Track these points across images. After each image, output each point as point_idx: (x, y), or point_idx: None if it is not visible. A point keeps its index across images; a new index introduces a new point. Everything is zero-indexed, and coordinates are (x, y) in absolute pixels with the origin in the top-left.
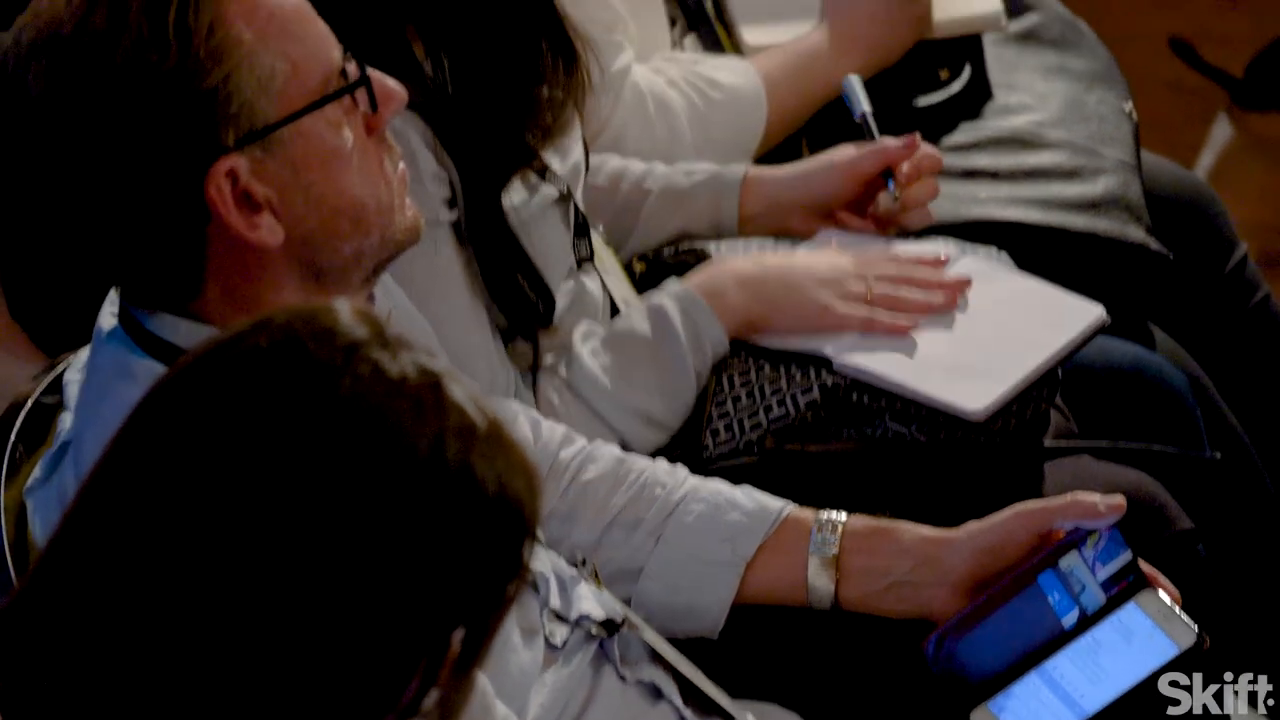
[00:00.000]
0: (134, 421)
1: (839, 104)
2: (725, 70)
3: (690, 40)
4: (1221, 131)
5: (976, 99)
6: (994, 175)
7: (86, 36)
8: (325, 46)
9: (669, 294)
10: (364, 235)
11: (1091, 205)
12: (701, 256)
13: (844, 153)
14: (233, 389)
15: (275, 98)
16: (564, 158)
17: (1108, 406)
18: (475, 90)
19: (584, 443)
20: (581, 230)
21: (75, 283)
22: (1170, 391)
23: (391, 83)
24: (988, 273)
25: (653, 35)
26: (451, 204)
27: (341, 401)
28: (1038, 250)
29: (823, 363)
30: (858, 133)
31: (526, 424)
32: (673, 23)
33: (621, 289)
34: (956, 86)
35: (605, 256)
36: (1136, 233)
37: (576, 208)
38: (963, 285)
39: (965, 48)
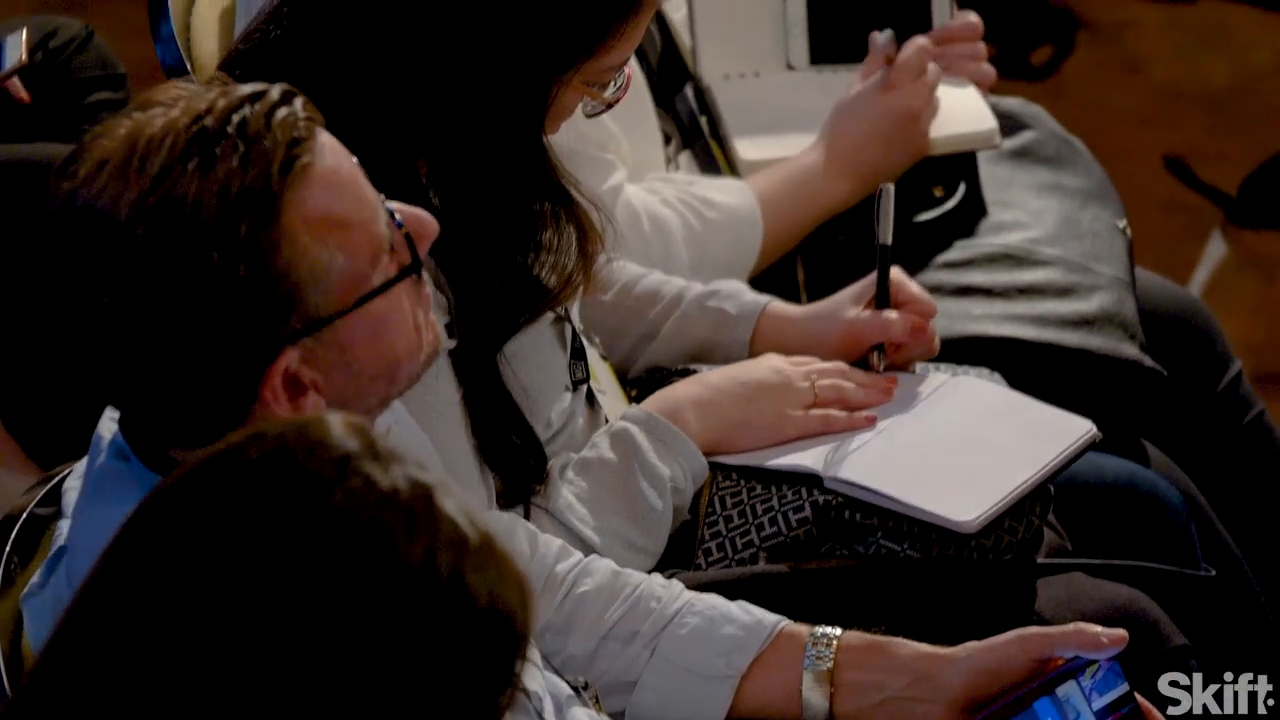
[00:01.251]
0: (128, 531)
1: (835, 223)
2: (720, 190)
3: (685, 158)
4: (1216, 249)
5: (971, 216)
6: (988, 292)
7: (156, 257)
8: (375, 225)
9: (631, 419)
10: (394, 386)
11: (1085, 322)
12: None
13: (850, 312)
14: (226, 500)
15: (331, 291)
16: (560, 277)
17: (1101, 522)
18: (475, 229)
19: (580, 556)
20: (578, 353)
21: (83, 404)
22: (1164, 507)
23: (424, 216)
24: (979, 389)
25: (646, 153)
26: (451, 331)
27: (333, 514)
28: (1032, 366)
29: (813, 480)
30: (852, 255)
31: (523, 537)
32: (667, 140)
33: (618, 408)
34: (951, 203)
35: (602, 376)
36: (1130, 349)
37: (573, 328)
38: (894, 381)
39: (960, 165)
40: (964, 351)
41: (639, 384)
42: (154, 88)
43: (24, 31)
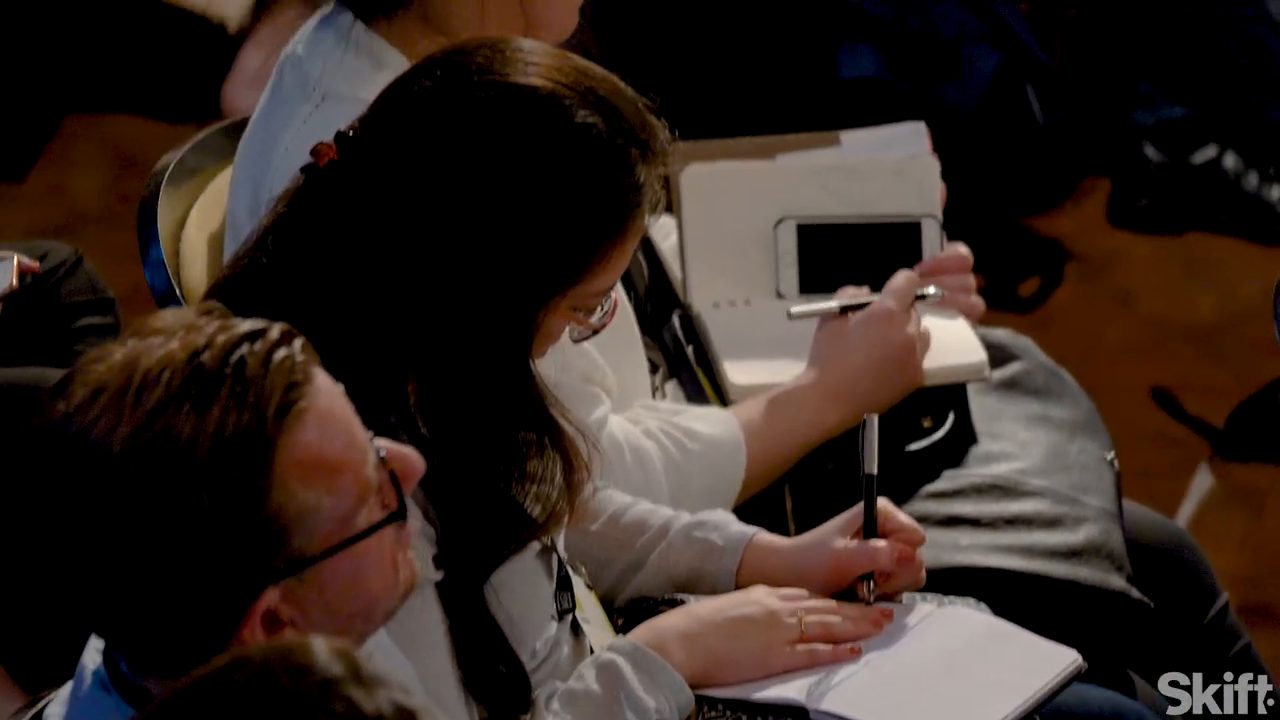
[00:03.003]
0: None
1: (823, 451)
2: (704, 420)
3: (671, 386)
4: (1203, 481)
5: (960, 446)
6: (975, 523)
7: (149, 495)
8: (364, 468)
9: (617, 650)
10: (371, 624)
11: (1073, 553)
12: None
13: (837, 542)
14: None
15: (317, 533)
16: (546, 507)
17: None
18: (463, 457)
19: None
20: (564, 582)
21: (70, 630)
22: None
23: (411, 455)
24: (965, 619)
25: (633, 381)
26: (438, 562)
27: None
28: (1019, 597)
29: (799, 712)
30: (841, 484)
31: None
32: (654, 368)
33: (604, 638)
34: (940, 434)
35: (588, 605)
36: (1117, 581)
37: (559, 558)
38: (888, 614)
39: (949, 396)
40: (951, 581)
41: (625, 613)
42: (151, 315)
43: (14, 259)
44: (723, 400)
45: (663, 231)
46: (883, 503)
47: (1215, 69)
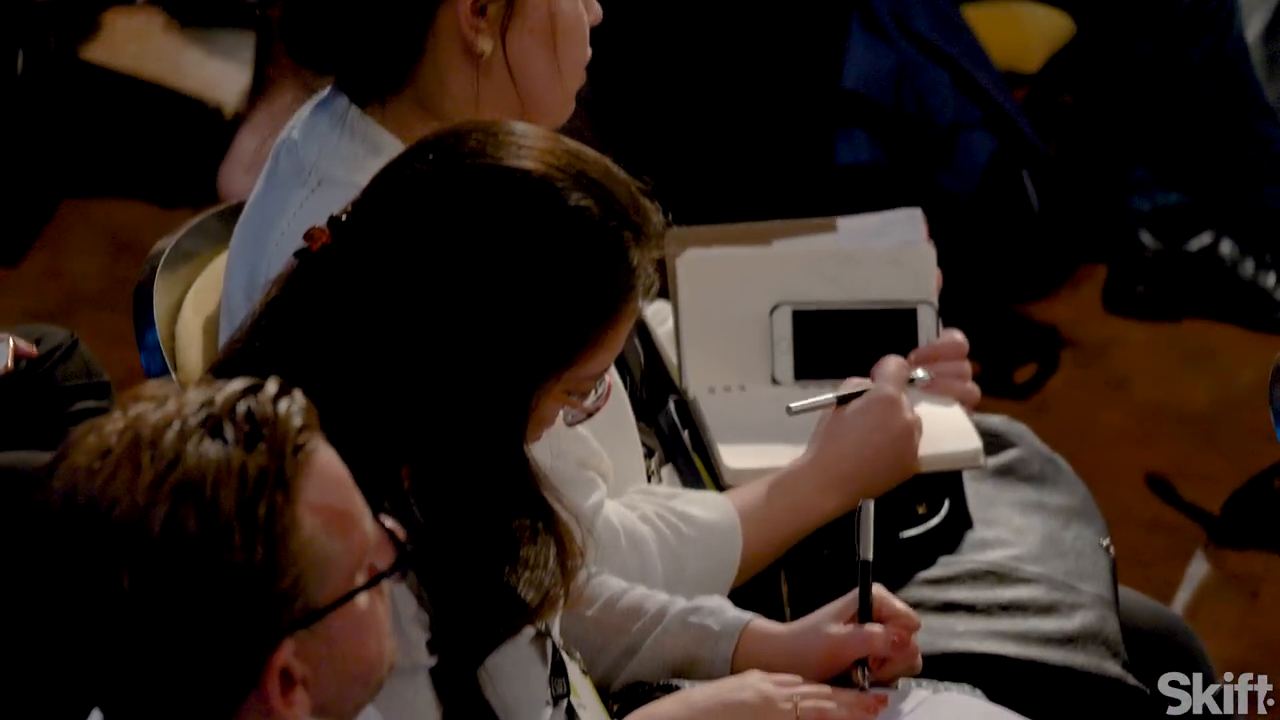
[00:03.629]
0: None
1: (820, 536)
2: (700, 505)
3: (667, 471)
4: (1199, 568)
5: (955, 533)
6: (971, 609)
7: (177, 539)
8: (366, 520)
9: None
10: (368, 691)
11: (1068, 640)
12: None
13: (832, 628)
14: None
15: (328, 582)
16: (540, 592)
17: None
18: (457, 542)
19: None
20: (559, 668)
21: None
22: None
23: (396, 525)
24: (960, 706)
25: (627, 467)
26: (432, 647)
27: None
28: (1014, 683)
29: None
30: (837, 570)
31: None
32: (649, 453)
33: None
34: (935, 520)
35: (583, 691)
36: (1113, 668)
37: (554, 643)
38: (883, 700)
39: (945, 482)
40: (946, 667)
41: (621, 699)
42: (137, 387)
43: (10, 341)
44: (718, 485)
45: (659, 317)
46: (878, 589)
47: (1211, 156)
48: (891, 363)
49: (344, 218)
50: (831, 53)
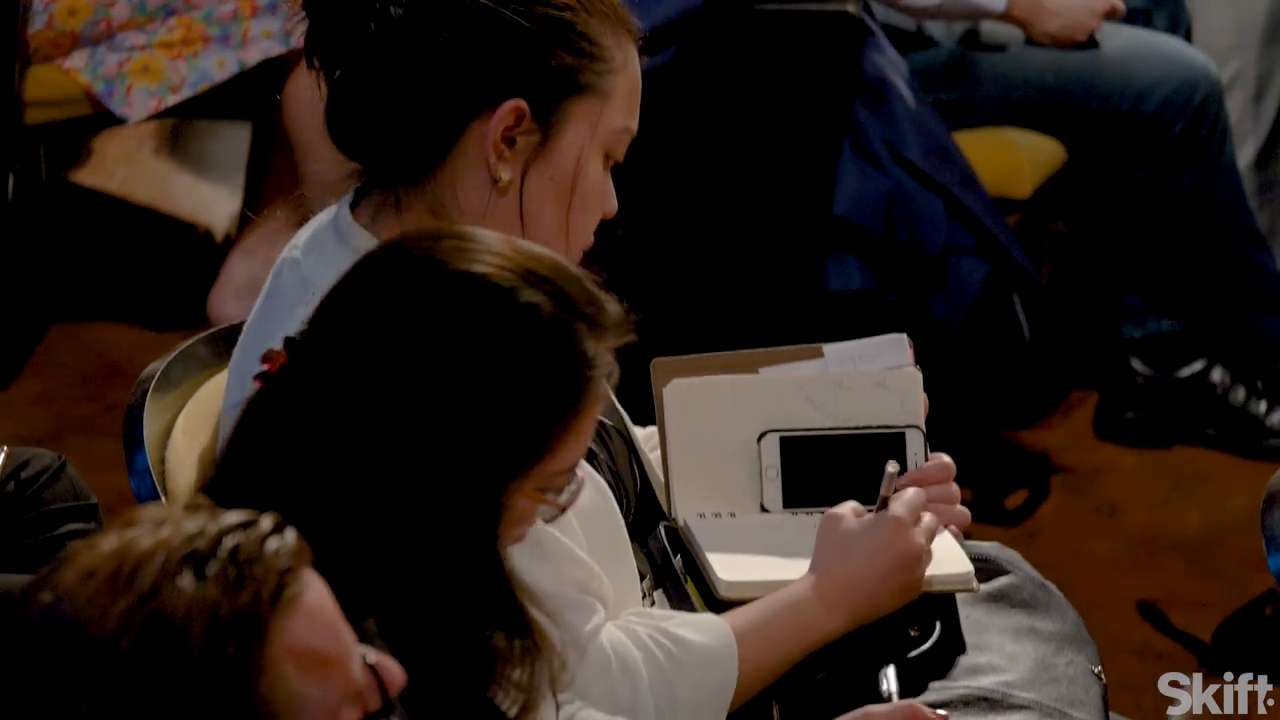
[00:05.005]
0: None
1: (814, 660)
2: (695, 629)
3: (659, 595)
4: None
5: (946, 658)
6: None
7: (140, 670)
8: (351, 665)
9: None
10: None
11: None
12: None
13: None
14: None
15: None
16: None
17: None
18: (437, 661)
19: None
20: None
21: None
22: None
23: (392, 666)
24: None
25: (624, 590)
26: None
27: None
28: None
29: None
30: (832, 695)
31: None
32: (641, 576)
33: None
34: (926, 645)
35: None
36: None
37: None
38: None
39: (936, 607)
40: None
41: None
42: (135, 509)
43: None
44: (712, 609)
45: (650, 443)
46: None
47: (1202, 283)
48: (909, 490)
49: (300, 337)
50: (823, 179)
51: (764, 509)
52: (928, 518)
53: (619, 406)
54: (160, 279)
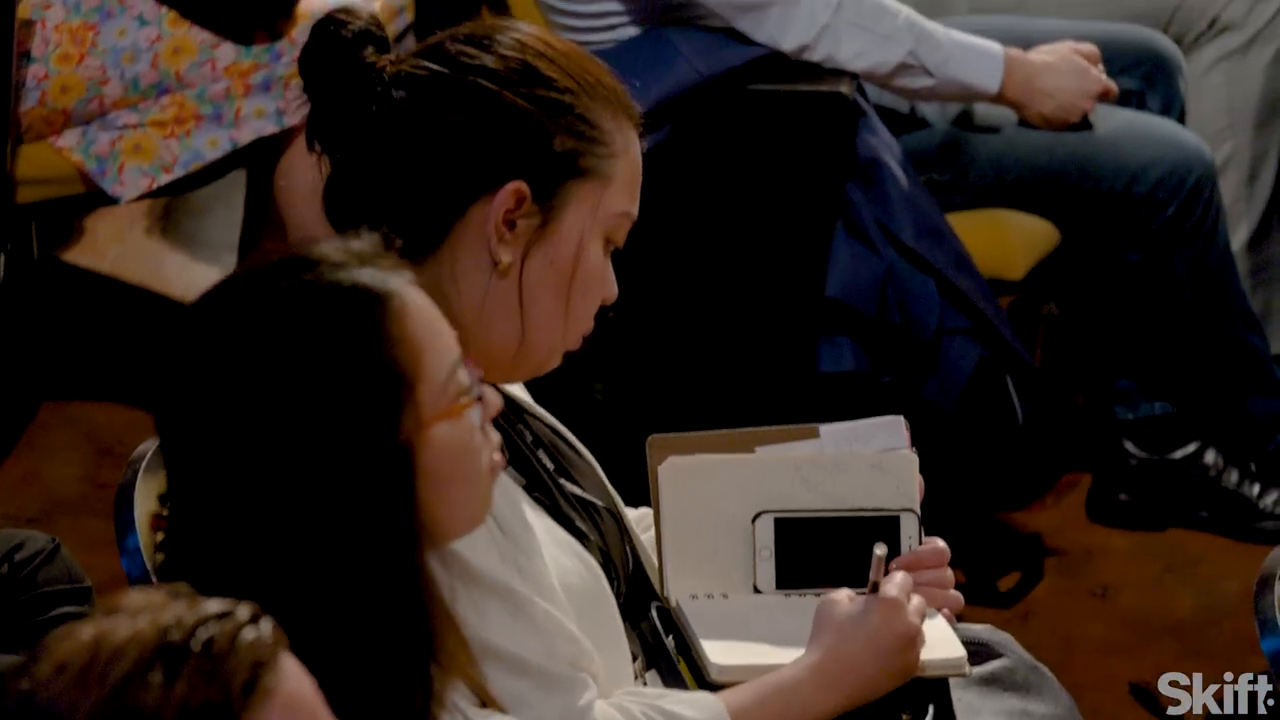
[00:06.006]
0: None
1: None
2: (689, 705)
3: (651, 675)
4: None
5: None
6: None
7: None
8: None
9: None
10: None
11: None
12: None
13: None
14: None
15: None
16: None
17: None
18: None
19: None
20: None
21: None
22: None
23: None
24: None
25: (616, 669)
26: None
27: None
28: None
29: None
30: None
31: None
32: (634, 657)
33: None
34: None
35: None
36: None
37: None
38: None
39: (929, 691)
40: None
41: None
42: (119, 594)
43: None
44: (703, 689)
45: (643, 524)
46: None
47: (1196, 366)
48: (898, 574)
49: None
50: (816, 260)
51: (757, 589)
52: (916, 599)
53: (610, 488)
54: (152, 359)
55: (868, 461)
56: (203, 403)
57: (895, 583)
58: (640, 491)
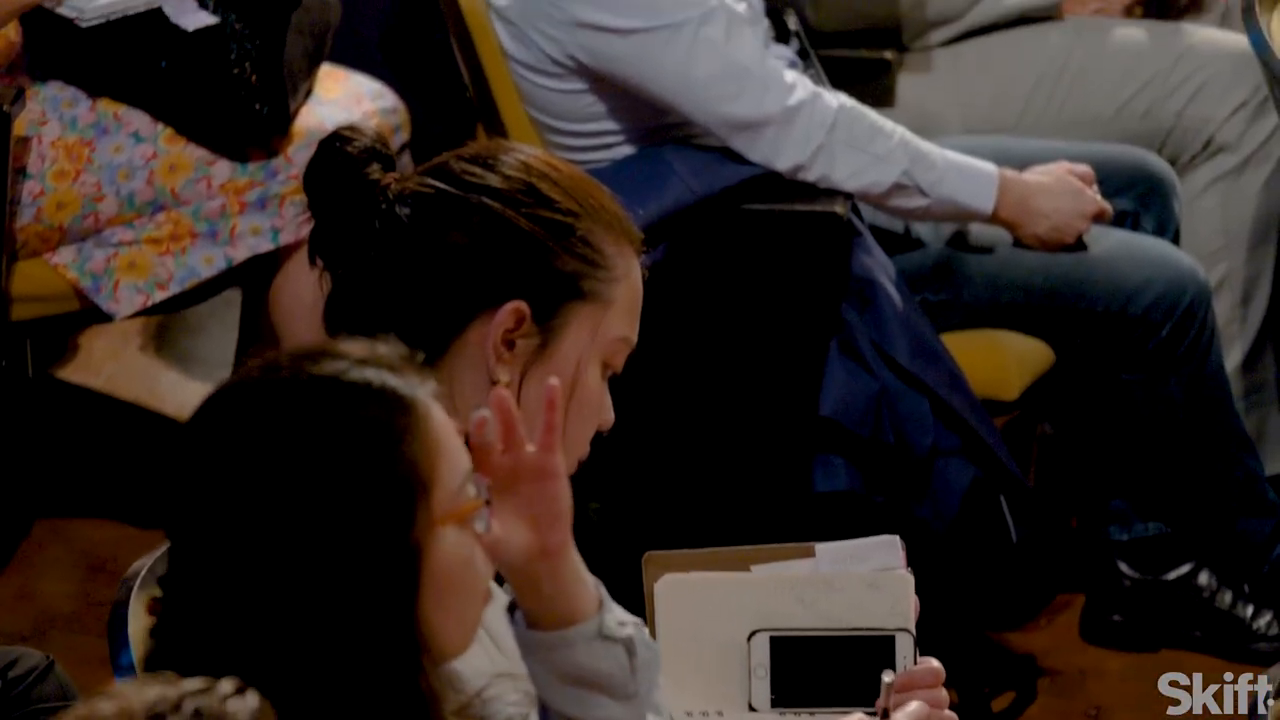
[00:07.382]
0: None
1: None
2: None
3: None
4: None
5: None
6: None
7: None
8: None
9: None
10: None
11: None
12: None
13: None
14: None
15: None
16: None
17: None
18: None
19: None
20: None
21: None
22: None
23: None
24: None
25: None
26: None
27: None
28: None
29: None
30: None
31: None
32: None
33: None
34: None
35: None
36: None
37: None
38: None
39: None
40: None
41: None
42: (105, 685)
43: None
44: None
45: None
46: None
47: (1189, 487)
48: (913, 704)
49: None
50: (810, 379)
51: (752, 708)
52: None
53: None
54: (146, 475)
55: (863, 581)
56: (217, 488)
57: (907, 712)
58: (636, 608)
